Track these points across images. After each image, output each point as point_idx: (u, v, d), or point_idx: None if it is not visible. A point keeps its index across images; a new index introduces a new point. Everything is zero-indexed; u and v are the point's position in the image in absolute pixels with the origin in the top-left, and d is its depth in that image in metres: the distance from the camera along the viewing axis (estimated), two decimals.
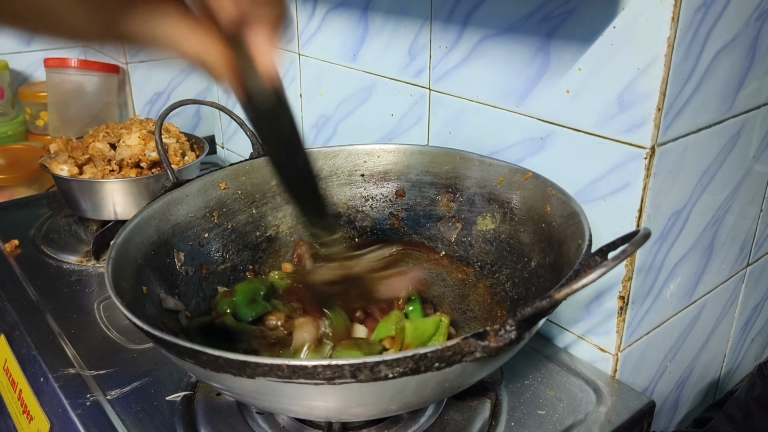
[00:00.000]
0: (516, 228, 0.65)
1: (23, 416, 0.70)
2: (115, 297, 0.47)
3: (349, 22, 0.88)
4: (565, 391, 0.64)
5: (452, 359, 0.40)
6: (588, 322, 0.68)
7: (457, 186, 0.71)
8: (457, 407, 0.60)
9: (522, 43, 0.66)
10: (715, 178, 0.67)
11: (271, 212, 0.73)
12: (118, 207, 0.92)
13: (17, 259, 0.90)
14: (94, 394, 0.63)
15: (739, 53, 0.61)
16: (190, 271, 0.65)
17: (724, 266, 0.76)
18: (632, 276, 0.63)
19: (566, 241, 0.55)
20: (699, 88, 0.59)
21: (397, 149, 0.74)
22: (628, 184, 0.60)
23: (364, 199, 0.75)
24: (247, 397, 0.48)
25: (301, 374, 0.39)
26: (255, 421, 0.59)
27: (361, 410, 0.47)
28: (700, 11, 0.55)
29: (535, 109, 0.67)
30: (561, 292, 0.39)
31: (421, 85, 0.80)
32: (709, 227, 0.70)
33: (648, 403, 0.62)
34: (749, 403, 0.73)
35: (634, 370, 0.69)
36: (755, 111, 0.68)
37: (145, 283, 0.57)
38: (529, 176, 0.64)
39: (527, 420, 0.60)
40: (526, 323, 0.40)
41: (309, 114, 1.03)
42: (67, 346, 0.71)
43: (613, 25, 0.57)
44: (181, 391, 0.63)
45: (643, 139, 0.58)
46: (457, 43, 0.73)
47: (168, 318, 0.58)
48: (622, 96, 0.58)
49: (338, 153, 0.75)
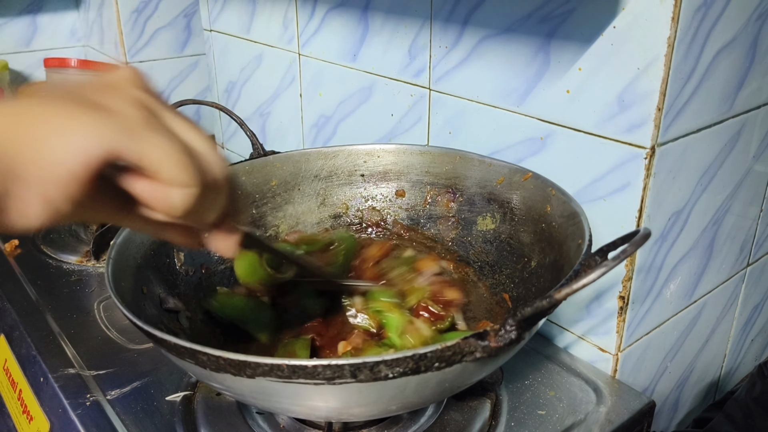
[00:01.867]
0: (516, 228, 0.65)
1: (23, 416, 0.70)
2: (115, 297, 0.47)
3: (349, 22, 0.88)
4: (565, 391, 0.64)
5: (452, 359, 0.40)
6: (588, 322, 0.68)
7: (457, 186, 0.71)
8: (457, 407, 0.60)
9: (522, 43, 0.66)
10: (715, 178, 0.67)
11: (271, 212, 0.73)
12: None
13: (17, 259, 0.90)
14: (94, 394, 0.63)
15: (739, 53, 0.61)
16: (190, 271, 0.65)
17: (724, 266, 0.76)
18: (632, 276, 0.63)
19: (566, 241, 0.55)
20: (699, 88, 0.59)
21: (397, 149, 0.74)
22: (628, 184, 0.60)
23: (364, 199, 0.75)
24: (247, 397, 0.48)
25: (301, 374, 0.39)
26: (255, 421, 0.59)
27: (361, 410, 0.47)
28: (700, 11, 0.55)
29: (535, 109, 0.67)
30: (561, 292, 0.39)
31: (421, 85, 0.80)
32: (709, 227, 0.70)
33: (648, 403, 0.62)
34: (749, 403, 0.73)
35: (634, 370, 0.69)
36: (755, 111, 0.68)
37: (145, 283, 0.57)
38: (529, 176, 0.64)
39: (527, 420, 0.60)
40: (527, 323, 0.40)
41: (309, 114, 1.03)
42: (67, 346, 0.71)
43: (613, 25, 0.57)
44: (181, 391, 0.63)
45: (643, 139, 0.58)
46: (457, 43, 0.73)
47: (168, 318, 0.58)
48: (622, 96, 0.58)
49: (338, 153, 0.75)
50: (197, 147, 0.36)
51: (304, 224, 0.75)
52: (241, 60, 1.16)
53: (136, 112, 0.33)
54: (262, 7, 1.05)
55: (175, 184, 0.34)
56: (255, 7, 1.07)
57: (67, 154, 0.31)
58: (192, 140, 0.36)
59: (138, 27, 1.28)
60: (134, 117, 0.33)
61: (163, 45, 1.32)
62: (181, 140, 0.35)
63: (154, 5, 1.28)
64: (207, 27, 1.23)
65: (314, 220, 0.75)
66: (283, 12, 1.01)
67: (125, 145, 0.32)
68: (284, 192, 0.74)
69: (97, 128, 0.32)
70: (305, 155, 0.75)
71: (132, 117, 0.33)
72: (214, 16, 1.20)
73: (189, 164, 0.34)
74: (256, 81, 1.14)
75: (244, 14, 1.11)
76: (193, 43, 1.35)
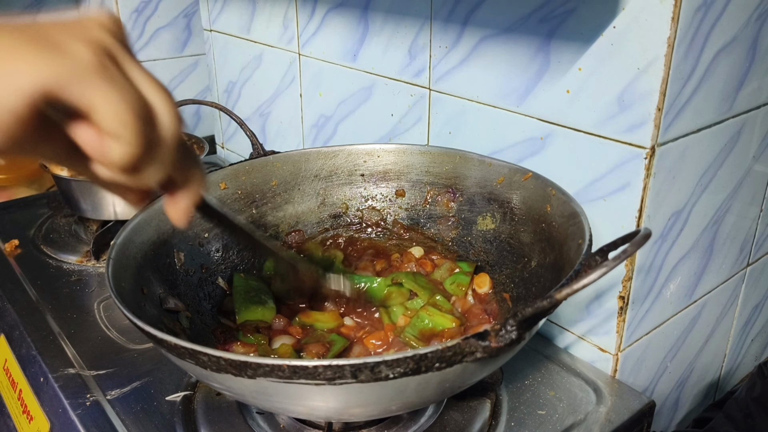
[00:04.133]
0: (516, 228, 0.65)
1: (23, 416, 0.70)
2: (115, 297, 0.47)
3: (349, 22, 0.88)
4: (565, 391, 0.64)
5: (453, 359, 0.40)
6: (588, 322, 0.68)
7: (457, 186, 0.71)
8: (457, 407, 0.60)
9: (522, 43, 0.66)
10: (715, 178, 0.67)
11: (271, 212, 0.73)
12: (118, 207, 0.92)
13: (17, 259, 0.90)
14: (94, 394, 0.63)
15: (739, 53, 0.61)
16: (190, 271, 0.65)
17: (724, 266, 0.76)
18: (632, 276, 0.63)
19: (566, 241, 0.55)
20: (699, 88, 0.59)
21: (397, 149, 0.74)
22: (628, 184, 0.60)
23: (364, 199, 0.75)
24: (247, 398, 0.48)
25: (302, 374, 0.39)
26: (255, 421, 0.59)
27: (361, 410, 0.47)
28: (700, 11, 0.55)
29: (535, 109, 0.67)
30: (562, 293, 0.39)
31: (421, 85, 0.80)
32: (709, 227, 0.70)
33: (648, 403, 0.62)
34: (749, 403, 0.73)
35: (634, 370, 0.69)
36: (755, 111, 0.68)
37: (146, 283, 0.57)
38: (529, 176, 0.64)
39: (527, 420, 0.60)
40: (527, 323, 0.40)
41: (309, 114, 1.03)
42: (67, 346, 0.71)
43: (613, 25, 0.57)
44: (181, 391, 0.63)
45: (643, 139, 0.58)
46: (457, 43, 0.73)
47: (168, 318, 0.58)
48: (622, 96, 0.58)
49: (338, 153, 0.75)
50: (152, 103, 0.35)
51: (304, 224, 0.75)
52: (241, 60, 1.16)
53: (91, 55, 0.32)
54: (262, 7, 1.05)
55: (115, 137, 0.33)
56: (255, 7, 1.07)
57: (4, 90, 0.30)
58: (148, 95, 0.35)
59: (138, 27, 1.28)
60: (87, 60, 0.32)
61: (163, 45, 1.32)
62: (135, 93, 0.34)
63: (154, 5, 1.28)
64: (207, 27, 1.23)
65: (314, 219, 0.75)
66: (283, 12, 1.01)
67: (68, 88, 0.31)
68: (284, 192, 0.74)
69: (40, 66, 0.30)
70: (305, 155, 0.75)
71: (85, 60, 0.32)
72: (214, 16, 1.20)
73: (133, 119, 0.33)
74: (256, 81, 1.14)
75: (244, 14, 1.10)
76: (193, 43, 1.35)
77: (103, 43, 0.33)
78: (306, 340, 0.61)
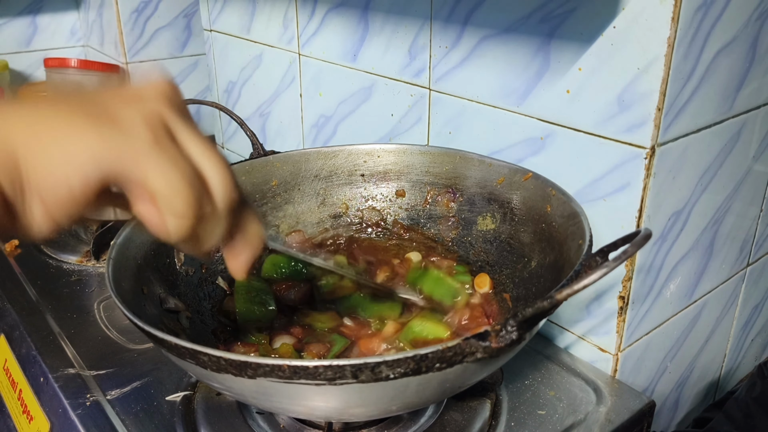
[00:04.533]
0: (516, 228, 0.65)
1: (23, 416, 0.70)
2: (115, 297, 0.47)
3: (349, 22, 0.88)
4: (565, 391, 0.64)
5: (453, 360, 0.40)
6: (588, 322, 0.68)
7: (457, 186, 0.71)
8: (457, 407, 0.60)
9: (522, 43, 0.66)
10: (715, 178, 0.67)
11: (271, 212, 0.73)
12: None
13: (17, 259, 0.90)
14: (94, 394, 0.63)
15: (739, 53, 0.61)
16: (190, 271, 0.65)
17: (724, 266, 0.76)
18: (632, 276, 0.63)
19: (566, 241, 0.55)
20: (699, 88, 0.59)
21: (397, 149, 0.74)
22: (628, 184, 0.60)
23: (364, 199, 0.75)
24: (247, 398, 0.48)
25: (302, 375, 0.39)
26: (255, 421, 0.59)
27: (361, 411, 0.47)
28: (700, 11, 0.55)
29: (535, 109, 0.67)
30: (562, 293, 0.39)
31: (421, 85, 0.80)
32: (709, 227, 0.70)
33: (648, 403, 0.62)
34: (749, 403, 0.73)
35: (634, 370, 0.69)
36: (755, 111, 0.68)
37: (145, 283, 0.57)
38: (529, 176, 0.64)
39: (527, 420, 0.60)
40: (527, 324, 0.40)
41: (309, 114, 1.03)
42: (67, 346, 0.71)
43: (613, 25, 0.57)
44: (181, 391, 0.63)
45: (643, 139, 0.58)
46: (457, 43, 0.73)
47: (168, 318, 0.58)
48: (622, 96, 0.58)
49: (338, 153, 0.75)
50: (206, 173, 0.36)
51: (304, 224, 0.75)
52: (241, 60, 1.16)
53: (148, 133, 0.33)
54: (262, 7, 1.05)
55: (171, 213, 0.34)
56: (255, 7, 1.07)
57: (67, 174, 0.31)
58: (202, 165, 0.36)
59: (138, 27, 1.28)
60: (144, 137, 0.33)
61: (163, 45, 1.32)
62: (189, 167, 0.35)
63: (154, 5, 1.28)
64: (207, 27, 1.23)
65: (314, 219, 0.75)
66: (283, 12, 1.01)
67: (127, 169, 0.32)
68: (284, 192, 0.74)
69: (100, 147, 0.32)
70: (305, 155, 0.75)
71: (141, 137, 0.33)
72: (214, 16, 1.20)
73: (188, 195, 0.34)
74: (256, 81, 1.14)
75: (244, 14, 1.10)
76: (193, 43, 1.35)
77: (160, 116, 0.35)
78: (307, 340, 0.61)
